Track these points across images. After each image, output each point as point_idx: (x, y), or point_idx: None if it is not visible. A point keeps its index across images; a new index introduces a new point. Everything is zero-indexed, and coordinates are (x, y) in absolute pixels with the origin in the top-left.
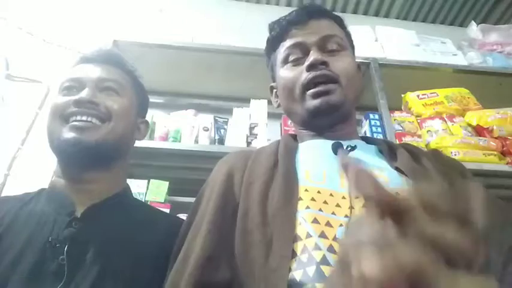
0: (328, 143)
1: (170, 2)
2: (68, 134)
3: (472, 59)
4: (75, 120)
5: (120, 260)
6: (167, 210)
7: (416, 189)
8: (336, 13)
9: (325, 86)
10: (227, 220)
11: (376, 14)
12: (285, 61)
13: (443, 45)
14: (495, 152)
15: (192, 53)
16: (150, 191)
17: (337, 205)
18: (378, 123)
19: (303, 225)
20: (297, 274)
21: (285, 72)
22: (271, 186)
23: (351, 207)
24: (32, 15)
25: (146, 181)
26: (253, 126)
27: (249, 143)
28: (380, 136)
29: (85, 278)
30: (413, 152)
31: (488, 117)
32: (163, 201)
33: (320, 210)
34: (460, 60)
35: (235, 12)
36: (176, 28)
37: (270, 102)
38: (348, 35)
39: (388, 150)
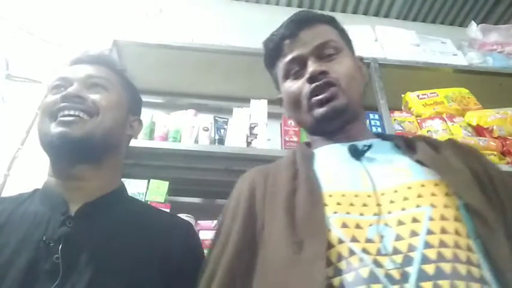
0: (344, 146)
1: (170, 2)
2: (56, 129)
3: (472, 59)
4: (63, 116)
5: (116, 259)
6: (167, 210)
7: None
8: (336, 13)
9: (328, 92)
10: (252, 238)
11: (376, 14)
12: (286, 76)
13: (443, 45)
14: (495, 152)
15: (192, 53)
16: (150, 191)
17: (364, 205)
18: (378, 123)
19: (333, 231)
20: (335, 281)
21: (287, 86)
22: (296, 196)
23: (378, 204)
24: (32, 15)
25: (146, 181)
26: (253, 126)
27: (249, 143)
28: None
29: (80, 276)
30: (431, 142)
31: (488, 117)
32: (163, 201)
33: (347, 213)
34: (460, 60)
35: (235, 12)
36: (176, 28)
37: (270, 102)
38: (342, 33)
39: (405, 144)
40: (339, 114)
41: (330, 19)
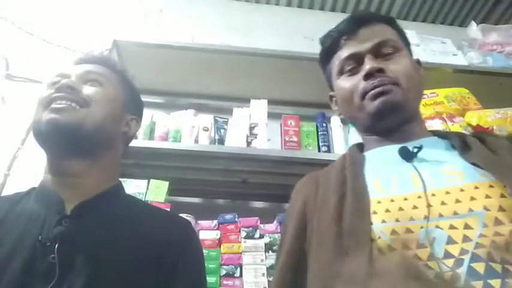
0: (394, 148)
1: (170, 2)
2: (46, 116)
3: (472, 59)
4: (55, 104)
5: (113, 258)
6: None
7: None
8: (336, 13)
9: (384, 87)
10: (302, 248)
11: None
12: (341, 72)
13: (443, 45)
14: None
15: (192, 53)
16: (150, 191)
17: (414, 207)
18: None
19: (383, 238)
20: None
21: (342, 83)
22: (345, 204)
23: (429, 205)
24: (32, 15)
25: (146, 181)
26: (253, 126)
27: (249, 143)
28: None
29: (77, 276)
30: (487, 141)
31: (488, 117)
32: (163, 201)
33: (397, 220)
34: (460, 60)
35: (235, 12)
36: (176, 28)
37: (270, 102)
38: (401, 34)
39: (461, 144)
40: (393, 110)
41: (389, 19)
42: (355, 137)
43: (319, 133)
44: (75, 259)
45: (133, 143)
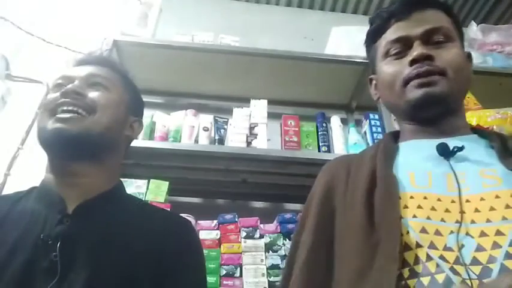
0: (433, 144)
1: (170, 2)
2: (53, 125)
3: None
4: (62, 112)
5: (113, 257)
6: None
7: None
8: (336, 13)
9: (429, 78)
10: (327, 233)
11: None
12: (386, 54)
13: None
14: None
15: (192, 53)
16: (150, 191)
17: (446, 210)
18: (378, 123)
19: (411, 234)
20: (410, 283)
21: (386, 66)
22: (375, 194)
23: (462, 212)
24: (32, 15)
25: (146, 181)
26: (253, 126)
27: (249, 143)
28: (380, 136)
29: (78, 274)
30: None
31: (488, 117)
32: (163, 201)
33: (428, 218)
34: None
35: (235, 12)
36: (176, 28)
37: (270, 102)
38: (456, 23)
39: (502, 146)
40: (436, 102)
41: (446, 6)
42: (355, 137)
43: (319, 133)
44: (77, 258)
45: (134, 143)
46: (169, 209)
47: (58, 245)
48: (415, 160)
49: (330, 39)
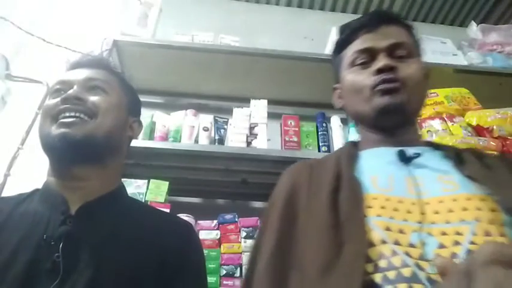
0: (392, 151)
1: (170, 2)
2: (57, 131)
3: (472, 59)
4: (64, 117)
5: (115, 258)
6: (167, 210)
7: None
8: (336, 13)
9: (394, 84)
10: (289, 236)
11: None
12: (352, 64)
13: (443, 45)
14: (495, 152)
15: (191, 53)
16: (150, 191)
17: (408, 211)
18: None
19: (376, 231)
20: (376, 277)
21: (352, 75)
22: (339, 196)
23: (422, 213)
24: (32, 15)
25: (146, 181)
26: (253, 126)
27: (249, 143)
28: None
29: (80, 275)
30: (481, 157)
31: (488, 117)
32: (163, 201)
33: (391, 218)
34: (460, 60)
35: (235, 12)
36: (176, 28)
37: (270, 102)
38: (416, 44)
39: (455, 156)
40: (398, 110)
41: (409, 25)
42: (354, 137)
43: (319, 133)
44: (79, 258)
45: (134, 143)
46: (169, 209)
47: (61, 245)
48: (377, 165)
49: (330, 39)
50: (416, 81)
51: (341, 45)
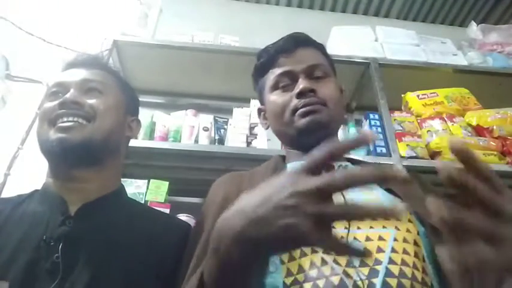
0: None
1: (170, 2)
2: (55, 135)
3: (472, 59)
4: (62, 122)
5: (115, 259)
6: (167, 210)
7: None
8: (336, 13)
9: (313, 106)
10: None
11: (376, 14)
12: (275, 87)
13: (443, 45)
14: (495, 152)
15: (192, 53)
16: (150, 191)
17: None
18: (378, 123)
19: None
20: (306, 286)
21: (274, 98)
22: None
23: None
24: (32, 15)
25: (146, 181)
26: (253, 126)
27: (249, 143)
28: (380, 136)
29: (80, 276)
30: None
31: (488, 117)
32: (163, 201)
33: None
34: (460, 60)
35: (235, 12)
36: (176, 28)
37: None
38: (330, 63)
39: None
40: (320, 128)
41: (322, 47)
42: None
43: None
44: (78, 259)
45: (134, 143)
46: (169, 209)
47: (60, 246)
48: None
49: (330, 39)
50: (335, 100)
51: (261, 70)
